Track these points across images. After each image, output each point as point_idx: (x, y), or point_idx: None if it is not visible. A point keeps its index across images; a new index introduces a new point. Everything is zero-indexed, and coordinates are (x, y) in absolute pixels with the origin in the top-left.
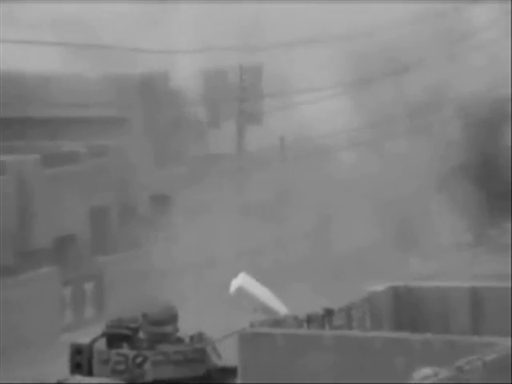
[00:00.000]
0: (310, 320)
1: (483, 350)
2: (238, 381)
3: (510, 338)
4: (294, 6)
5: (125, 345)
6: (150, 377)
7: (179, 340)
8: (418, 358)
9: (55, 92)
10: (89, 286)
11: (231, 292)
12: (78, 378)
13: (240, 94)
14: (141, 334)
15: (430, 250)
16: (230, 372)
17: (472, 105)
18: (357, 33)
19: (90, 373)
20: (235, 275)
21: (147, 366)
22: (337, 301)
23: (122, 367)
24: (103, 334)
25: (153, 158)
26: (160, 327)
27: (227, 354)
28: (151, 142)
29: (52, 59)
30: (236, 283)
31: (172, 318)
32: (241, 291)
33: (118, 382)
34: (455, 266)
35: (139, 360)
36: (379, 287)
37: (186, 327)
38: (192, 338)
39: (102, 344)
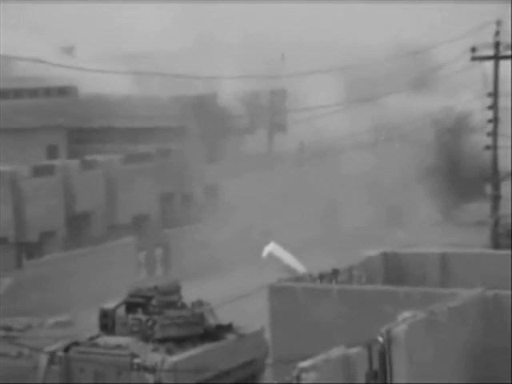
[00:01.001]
0: (321, 277)
1: (449, 298)
2: (269, 321)
3: (468, 290)
4: (308, 45)
5: (140, 310)
6: (158, 335)
7: (183, 306)
8: (402, 305)
9: (133, 109)
10: (158, 252)
11: (263, 256)
12: (105, 337)
13: (270, 110)
14: (153, 302)
15: (411, 226)
16: (226, 328)
17: (442, 119)
18: (352, 65)
19: (113, 332)
20: (267, 244)
21: (156, 327)
22: (341, 263)
23: (137, 328)
24: (123, 302)
25: (205, 157)
26: (167, 296)
27: (261, 302)
28: (204, 146)
29: (130, 85)
30: (267, 249)
31: (176, 290)
32: (271, 255)
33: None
34: (429, 237)
35: (150, 323)
36: (373, 253)
37: (231, 283)
38: (193, 304)
39: (122, 310)
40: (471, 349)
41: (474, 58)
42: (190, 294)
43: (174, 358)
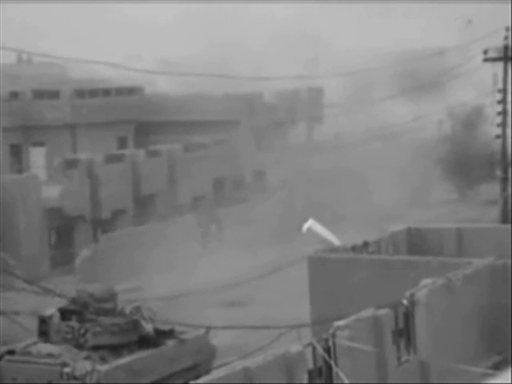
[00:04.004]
0: (354, 248)
1: (463, 266)
2: (308, 287)
3: (480, 260)
4: (337, 52)
5: (74, 318)
6: (90, 343)
7: (121, 313)
8: (423, 272)
9: (191, 105)
10: (213, 227)
11: (303, 231)
12: (40, 345)
13: (308, 105)
14: (90, 309)
15: (431, 204)
16: (166, 334)
17: (457, 112)
18: (367, 69)
19: (50, 339)
20: (306, 220)
21: (89, 335)
22: (371, 236)
23: (69, 336)
24: (58, 310)
25: (254, 146)
26: (102, 304)
27: (303, 269)
28: (253, 136)
29: (183, 85)
30: (306, 225)
31: (111, 297)
32: (309, 230)
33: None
34: (446, 214)
35: (82, 331)
36: (398, 228)
37: (275, 254)
38: (131, 311)
39: (58, 317)
40: (481, 309)
41: (486, 60)
42: (240, 262)
43: (105, 367)
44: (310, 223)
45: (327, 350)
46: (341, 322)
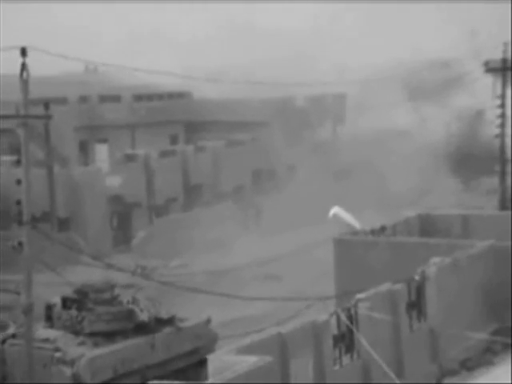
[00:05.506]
0: (373, 232)
1: (468, 247)
2: (334, 265)
3: (483, 241)
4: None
5: (74, 306)
6: (86, 330)
7: (119, 303)
8: (433, 252)
9: (232, 108)
10: (251, 212)
11: (329, 216)
12: (42, 330)
13: (333, 108)
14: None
15: (439, 194)
16: (166, 322)
17: (463, 115)
18: (382, 78)
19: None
20: (331, 207)
21: (85, 322)
22: (387, 221)
23: (68, 323)
24: (61, 298)
25: (285, 143)
26: (100, 294)
27: (329, 250)
28: (285, 135)
29: (229, 91)
30: (332, 211)
31: (109, 288)
32: (334, 216)
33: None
34: (454, 202)
35: (79, 318)
36: (411, 214)
37: (305, 236)
38: (128, 301)
39: (59, 305)
40: (484, 284)
41: (487, 70)
42: (275, 243)
43: (96, 352)
44: (335, 209)
45: (350, 318)
46: (361, 295)
